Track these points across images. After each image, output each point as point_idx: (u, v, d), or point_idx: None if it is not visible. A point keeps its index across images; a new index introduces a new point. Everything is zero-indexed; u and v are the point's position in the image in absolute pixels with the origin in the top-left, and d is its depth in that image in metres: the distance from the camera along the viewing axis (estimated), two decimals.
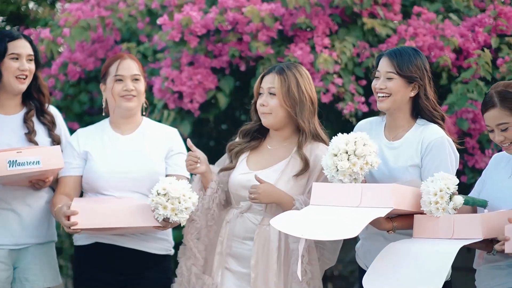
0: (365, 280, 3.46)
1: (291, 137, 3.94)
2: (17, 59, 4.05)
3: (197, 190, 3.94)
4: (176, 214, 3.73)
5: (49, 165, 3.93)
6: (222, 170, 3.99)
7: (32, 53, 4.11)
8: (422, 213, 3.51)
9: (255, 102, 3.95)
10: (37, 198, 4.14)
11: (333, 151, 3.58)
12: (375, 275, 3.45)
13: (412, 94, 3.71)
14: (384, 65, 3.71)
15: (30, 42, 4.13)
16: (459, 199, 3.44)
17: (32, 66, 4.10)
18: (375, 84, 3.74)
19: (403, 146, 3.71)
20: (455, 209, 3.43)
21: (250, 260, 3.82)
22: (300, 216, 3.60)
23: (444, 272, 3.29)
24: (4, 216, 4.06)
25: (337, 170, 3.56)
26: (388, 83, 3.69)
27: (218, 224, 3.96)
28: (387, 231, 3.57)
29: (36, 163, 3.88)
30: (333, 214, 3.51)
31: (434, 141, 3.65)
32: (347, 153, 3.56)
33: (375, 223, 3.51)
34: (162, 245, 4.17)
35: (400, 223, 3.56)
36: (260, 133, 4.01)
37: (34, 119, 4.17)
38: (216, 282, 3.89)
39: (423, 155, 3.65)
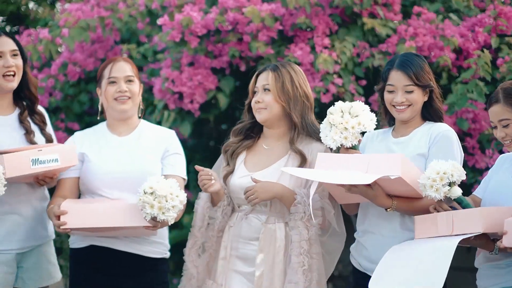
0: (371, 284, 3.49)
1: (286, 135, 3.95)
2: (0, 57, 3.96)
3: (205, 208, 3.92)
4: (163, 212, 3.70)
5: (66, 163, 3.92)
6: (225, 177, 3.96)
7: (15, 48, 3.99)
8: (419, 196, 3.53)
9: (249, 102, 3.98)
10: (40, 200, 4.13)
11: (329, 111, 3.69)
12: (381, 277, 3.48)
13: (426, 98, 3.74)
14: (400, 79, 3.70)
15: (12, 37, 4.02)
16: (457, 191, 3.45)
17: (18, 61, 4.00)
18: (392, 99, 3.72)
19: (411, 139, 3.74)
20: (446, 197, 3.44)
21: (256, 259, 3.82)
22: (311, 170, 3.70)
23: (444, 269, 3.30)
24: (11, 220, 4.02)
25: (331, 129, 3.64)
26: (408, 95, 3.70)
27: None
28: (386, 209, 3.60)
29: (55, 161, 3.88)
30: (343, 172, 3.56)
31: (443, 132, 3.68)
32: (342, 111, 3.66)
33: (375, 198, 3.55)
34: (157, 248, 4.15)
35: (399, 203, 3.59)
36: (253, 132, 4.02)
37: (28, 119, 4.12)
38: (220, 284, 3.88)
39: (430, 145, 3.67)
